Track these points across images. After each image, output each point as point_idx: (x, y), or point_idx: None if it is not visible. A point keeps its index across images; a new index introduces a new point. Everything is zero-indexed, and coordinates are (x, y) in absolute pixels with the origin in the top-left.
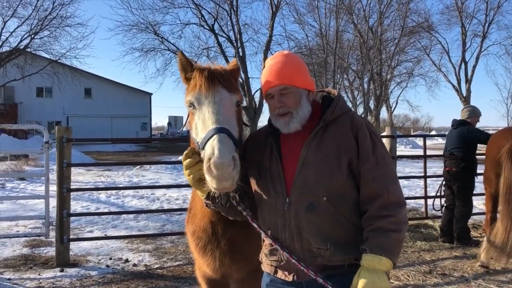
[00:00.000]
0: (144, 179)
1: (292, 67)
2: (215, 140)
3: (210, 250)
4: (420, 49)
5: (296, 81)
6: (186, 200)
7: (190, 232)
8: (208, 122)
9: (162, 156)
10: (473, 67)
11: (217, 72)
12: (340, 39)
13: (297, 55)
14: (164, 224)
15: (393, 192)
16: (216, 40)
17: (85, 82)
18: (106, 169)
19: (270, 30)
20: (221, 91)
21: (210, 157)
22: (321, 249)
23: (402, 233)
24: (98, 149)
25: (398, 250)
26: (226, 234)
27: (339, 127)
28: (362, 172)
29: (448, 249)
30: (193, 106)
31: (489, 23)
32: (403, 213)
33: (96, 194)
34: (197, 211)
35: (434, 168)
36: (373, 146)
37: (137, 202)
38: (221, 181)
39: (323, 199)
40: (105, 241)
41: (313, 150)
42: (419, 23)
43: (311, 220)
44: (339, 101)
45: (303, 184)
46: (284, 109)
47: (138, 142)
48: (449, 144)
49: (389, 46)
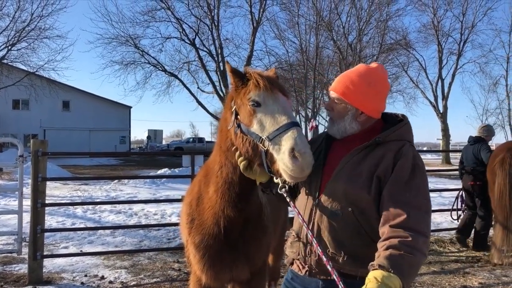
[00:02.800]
0: (122, 194)
1: (354, 82)
2: (295, 132)
3: (220, 258)
4: (398, 65)
5: (349, 96)
6: (164, 215)
7: (196, 242)
8: (282, 118)
9: (141, 170)
10: (450, 84)
11: (271, 77)
12: (320, 55)
13: (382, 74)
14: (141, 240)
15: (415, 219)
16: (197, 54)
17: (63, 95)
18: (83, 183)
19: (251, 45)
20: (280, 94)
21: (294, 147)
22: (335, 255)
23: (416, 258)
24: (75, 162)
25: (408, 272)
26: (239, 239)
27: (386, 150)
28: (387, 194)
29: (426, 265)
30: (257, 104)
31: (464, 42)
32: (420, 241)
33: (72, 209)
34: (206, 218)
35: None
36: (411, 177)
37: (114, 217)
38: (303, 170)
39: (349, 209)
40: (81, 257)
41: (352, 164)
42: (397, 40)
43: (332, 225)
44: (400, 128)
45: (332, 192)
46: (330, 114)
47: (116, 156)
48: (470, 160)
49: (368, 63)
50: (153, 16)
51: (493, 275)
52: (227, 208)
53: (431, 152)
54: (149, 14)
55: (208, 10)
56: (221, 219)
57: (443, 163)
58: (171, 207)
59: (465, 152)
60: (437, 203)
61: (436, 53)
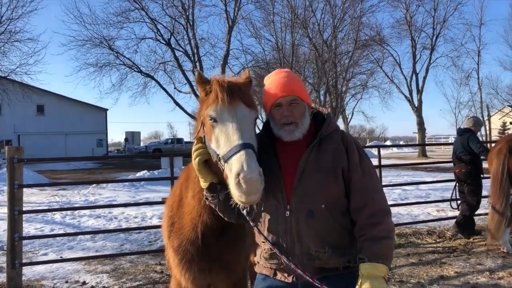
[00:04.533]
0: (101, 198)
1: (298, 82)
2: (243, 155)
3: (197, 263)
4: (373, 61)
5: (303, 94)
6: (145, 218)
7: (175, 246)
8: (233, 137)
9: (119, 173)
10: (424, 78)
11: (236, 86)
12: (296, 52)
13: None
14: (122, 244)
15: (378, 201)
16: (173, 54)
17: (37, 99)
18: (60, 189)
19: (227, 44)
20: (241, 106)
21: (239, 172)
22: (319, 252)
23: (392, 240)
24: (52, 167)
25: (391, 255)
26: (217, 245)
27: (332, 142)
28: (351, 182)
29: (405, 256)
30: (214, 120)
31: (436, 37)
32: (389, 220)
33: (51, 215)
34: (185, 223)
35: (389, 177)
36: (360, 160)
37: (93, 221)
38: (250, 196)
39: (322, 206)
40: (61, 264)
41: (311, 162)
42: (371, 36)
43: (310, 225)
44: (331, 119)
45: (302, 193)
46: (291, 118)
47: (94, 160)
48: (457, 149)
49: (344, 59)
50: (127, 17)
51: (468, 263)
52: (203, 214)
53: (408, 146)
54: (122, 15)
55: (183, 9)
56: (199, 225)
57: (420, 156)
58: (151, 210)
59: (455, 143)
60: (414, 195)
61: (410, 48)
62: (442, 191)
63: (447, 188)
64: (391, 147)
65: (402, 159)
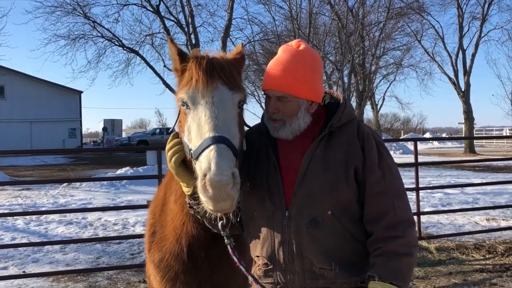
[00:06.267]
0: (73, 200)
1: (299, 72)
2: (212, 151)
3: (182, 282)
4: (410, 34)
5: (298, 90)
6: (126, 225)
7: (156, 261)
8: (205, 128)
9: (96, 170)
10: (472, 56)
11: (217, 63)
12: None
13: (315, 53)
14: (99, 257)
15: (400, 209)
16: (162, 24)
17: None
18: (24, 188)
19: (229, 13)
20: (221, 88)
21: (206, 173)
22: (324, 270)
23: (413, 257)
24: (13, 162)
25: (409, 276)
26: (206, 260)
27: (345, 135)
28: (367, 185)
29: (446, 276)
30: (187, 106)
31: (489, 4)
32: (413, 233)
33: (12, 220)
34: (168, 233)
35: (428, 178)
36: (379, 158)
37: (64, 229)
38: (218, 202)
39: (328, 213)
40: (23, 280)
41: (317, 159)
42: (408, 3)
43: (314, 236)
44: (346, 107)
45: (305, 196)
46: (278, 115)
47: (65, 153)
48: None
49: (373, 32)
50: None
51: None
52: (187, 223)
53: (452, 140)
54: None
55: None
56: (183, 235)
57: (466, 152)
58: (135, 215)
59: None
60: (459, 201)
61: (456, 18)
62: (493, 196)
63: (499, 191)
64: (431, 140)
65: (444, 155)
